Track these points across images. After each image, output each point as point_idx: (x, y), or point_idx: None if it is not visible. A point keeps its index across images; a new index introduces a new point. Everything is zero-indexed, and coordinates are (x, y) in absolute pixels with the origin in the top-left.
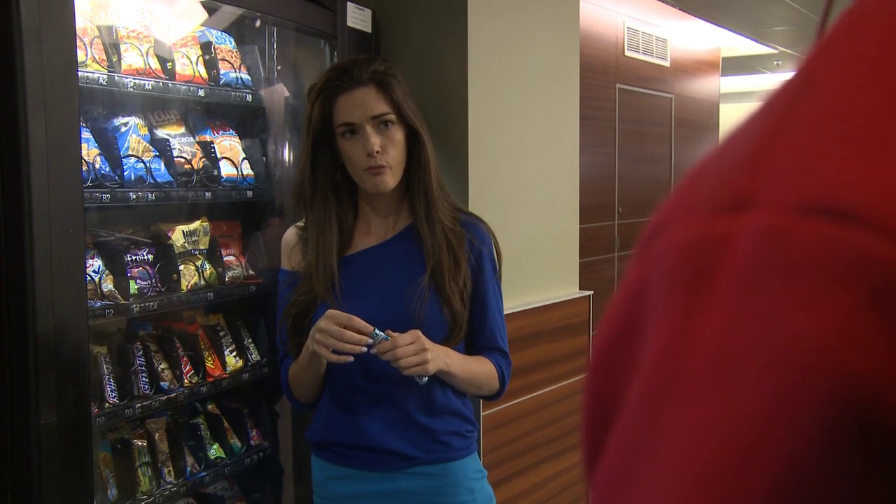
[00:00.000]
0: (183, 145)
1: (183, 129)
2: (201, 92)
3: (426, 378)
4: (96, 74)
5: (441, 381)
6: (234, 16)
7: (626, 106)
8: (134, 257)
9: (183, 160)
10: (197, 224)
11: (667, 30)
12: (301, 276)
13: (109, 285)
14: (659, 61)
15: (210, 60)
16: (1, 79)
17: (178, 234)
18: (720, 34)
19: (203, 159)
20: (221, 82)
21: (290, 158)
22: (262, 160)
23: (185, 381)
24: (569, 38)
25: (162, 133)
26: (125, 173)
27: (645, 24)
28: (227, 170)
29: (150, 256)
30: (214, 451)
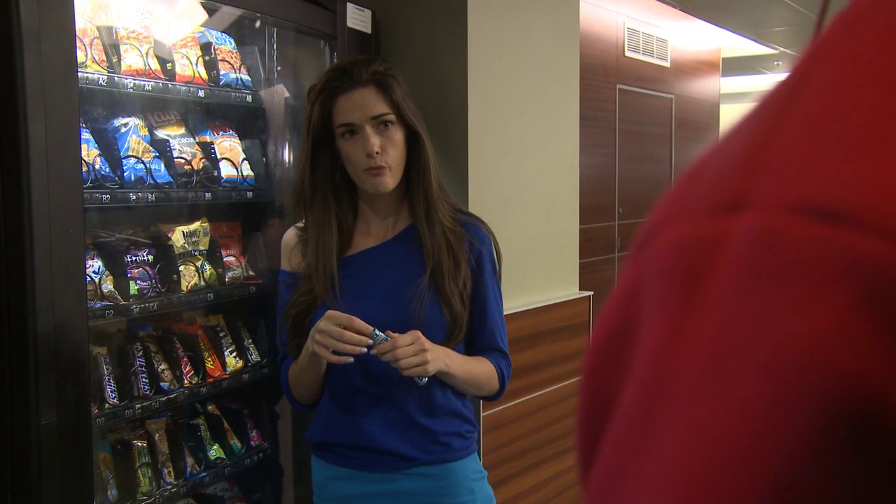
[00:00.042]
0: (183, 146)
1: (183, 130)
2: (201, 93)
3: (426, 379)
4: (96, 75)
5: (441, 381)
6: (233, 16)
7: (627, 106)
8: (134, 258)
9: (183, 161)
10: (197, 225)
11: (667, 30)
12: (301, 277)
13: (109, 286)
14: (659, 62)
15: (210, 61)
16: (1, 79)
17: (178, 235)
18: (720, 35)
19: (203, 160)
20: (221, 83)
21: (290, 159)
22: (262, 161)
23: (185, 381)
24: (569, 39)
25: (162, 134)
26: (125, 174)
27: (645, 25)
28: (227, 170)
29: (150, 257)
30: (214, 451)
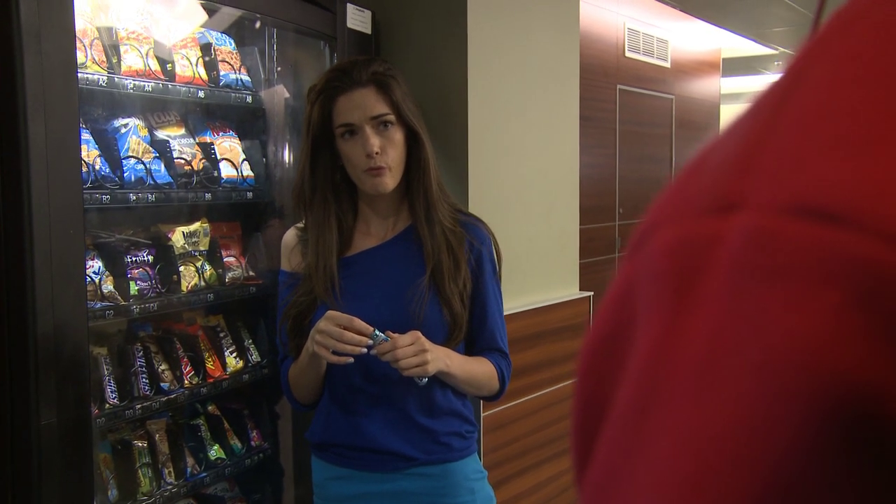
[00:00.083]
0: (183, 146)
1: (183, 131)
2: (201, 93)
3: (426, 379)
4: (96, 76)
5: (441, 381)
6: (233, 17)
7: (627, 107)
8: (134, 258)
9: (183, 161)
10: (197, 225)
11: (667, 31)
12: (301, 277)
13: (109, 286)
14: (659, 62)
15: (210, 62)
16: (1, 80)
17: (178, 236)
18: (721, 35)
19: (203, 160)
20: (221, 84)
21: (289, 159)
22: (262, 161)
23: (186, 382)
24: (569, 39)
25: (162, 134)
26: (125, 174)
27: (645, 25)
28: (227, 171)
29: (150, 257)
30: (215, 451)
